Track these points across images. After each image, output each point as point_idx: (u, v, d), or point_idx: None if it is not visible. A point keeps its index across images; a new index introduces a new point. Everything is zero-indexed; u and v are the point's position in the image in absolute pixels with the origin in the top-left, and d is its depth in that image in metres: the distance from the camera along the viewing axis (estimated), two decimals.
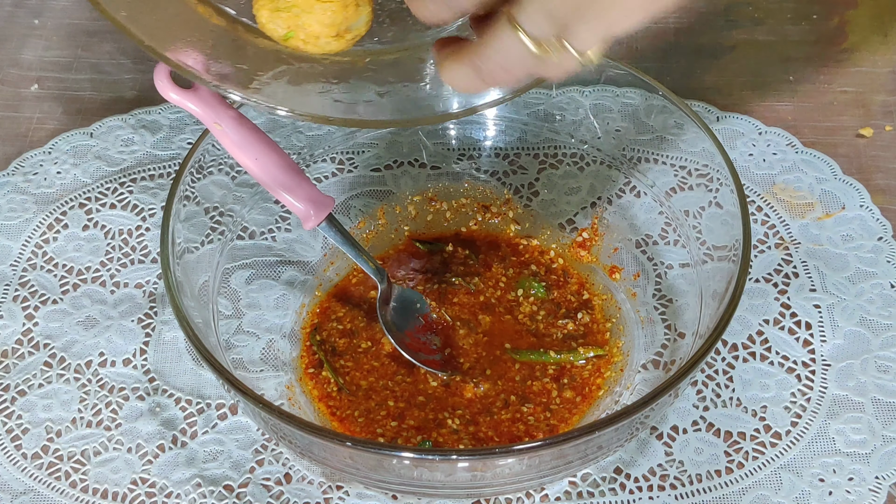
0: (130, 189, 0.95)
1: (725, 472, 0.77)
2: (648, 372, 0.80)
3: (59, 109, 1.03)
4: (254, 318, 0.84)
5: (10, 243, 0.92)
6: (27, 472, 0.78)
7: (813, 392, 0.81)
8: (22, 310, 0.87)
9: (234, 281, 0.85)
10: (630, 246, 0.88)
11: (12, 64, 1.08)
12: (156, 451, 0.79)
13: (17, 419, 0.81)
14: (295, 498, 0.77)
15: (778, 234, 0.91)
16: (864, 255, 0.89)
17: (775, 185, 0.95)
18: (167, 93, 0.72)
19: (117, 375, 0.83)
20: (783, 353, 0.83)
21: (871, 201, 0.93)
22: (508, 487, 0.74)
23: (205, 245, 0.84)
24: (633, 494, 0.77)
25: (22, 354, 0.85)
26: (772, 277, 0.88)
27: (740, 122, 1.00)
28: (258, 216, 0.89)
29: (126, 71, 1.07)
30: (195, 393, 0.82)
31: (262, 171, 0.77)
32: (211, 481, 0.77)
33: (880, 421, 0.80)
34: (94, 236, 0.92)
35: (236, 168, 0.86)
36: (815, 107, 1.02)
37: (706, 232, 0.83)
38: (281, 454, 0.79)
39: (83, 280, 0.89)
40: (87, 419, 0.81)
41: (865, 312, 0.85)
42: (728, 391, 0.81)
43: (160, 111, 1.02)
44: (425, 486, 0.71)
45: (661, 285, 0.86)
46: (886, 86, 1.04)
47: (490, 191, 0.93)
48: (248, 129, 0.76)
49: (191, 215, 0.82)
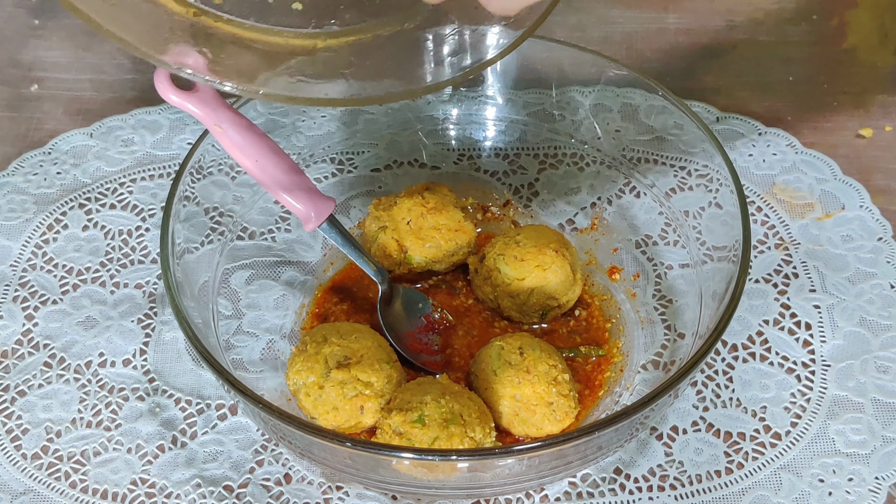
0: (130, 189, 0.95)
1: (725, 472, 0.77)
2: (648, 372, 0.80)
3: (59, 109, 1.03)
4: (254, 319, 0.84)
5: (10, 243, 0.92)
6: (27, 473, 0.78)
7: (813, 392, 0.81)
8: (22, 310, 0.87)
9: (234, 281, 0.85)
10: (630, 246, 0.88)
11: (12, 64, 1.08)
12: (156, 451, 0.79)
13: (17, 419, 0.81)
14: (295, 498, 0.77)
15: (778, 234, 0.91)
16: (864, 255, 0.89)
17: (775, 185, 0.95)
18: (167, 94, 0.72)
19: (117, 376, 0.83)
20: (783, 354, 0.83)
21: (870, 202, 0.93)
22: (508, 488, 0.74)
23: (205, 245, 0.84)
24: (632, 495, 0.77)
25: (22, 355, 0.85)
26: (772, 278, 0.88)
27: (740, 122, 1.00)
28: (258, 216, 0.89)
29: (126, 71, 1.07)
30: (195, 393, 0.82)
31: (263, 173, 0.77)
32: (211, 482, 0.77)
33: (880, 421, 0.80)
34: (94, 237, 0.92)
35: (236, 168, 0.86)
36: (815, 107, 1.02)
37: (706, 232, 0.83)
38: (281, 454, 0.79)
39: (83, 280, 0.89)
40: (86, 419, 0.81)
41: (865, 313, 0.85)
42: (728, 391, 0.81)
43: (160, 111, 1.02)
44: (425, 487, 0.71)
45: (661, 286, 0.86)
46: (886, 86, 1.04)
47: (490, 191, 0.93)
48: (249, 130, 0.76)
49: (191, 215, 0.82)
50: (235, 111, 0.75)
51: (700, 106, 1.01)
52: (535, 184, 0.94)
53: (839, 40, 1.08)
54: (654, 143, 0.90)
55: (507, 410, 0.75)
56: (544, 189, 0.93)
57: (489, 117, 0.95)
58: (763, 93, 1.04)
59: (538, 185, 0.94)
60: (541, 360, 0.75)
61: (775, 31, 1.09)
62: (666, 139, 0.90)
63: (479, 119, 0.95)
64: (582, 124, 0.92)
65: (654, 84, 0.85)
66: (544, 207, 0.92)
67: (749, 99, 1.03)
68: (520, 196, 0.93)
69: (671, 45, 1.09)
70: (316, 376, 0.75)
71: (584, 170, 0.92)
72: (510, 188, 0.94)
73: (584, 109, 0.92)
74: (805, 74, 1.05)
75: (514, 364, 0.75)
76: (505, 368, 0.75)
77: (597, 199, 0.91)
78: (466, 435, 0.70)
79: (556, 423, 0.75)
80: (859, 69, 1.06)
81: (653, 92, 0.85)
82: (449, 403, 0.72)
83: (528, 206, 0.93)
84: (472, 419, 0.71)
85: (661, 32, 1.10)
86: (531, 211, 0.92)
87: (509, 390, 0.74)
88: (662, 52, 1.08)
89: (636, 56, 1.08)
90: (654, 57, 1.08)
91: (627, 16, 1.12)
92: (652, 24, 1.11)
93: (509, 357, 0.75)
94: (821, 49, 1.07)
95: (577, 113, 0.92)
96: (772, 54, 1.07)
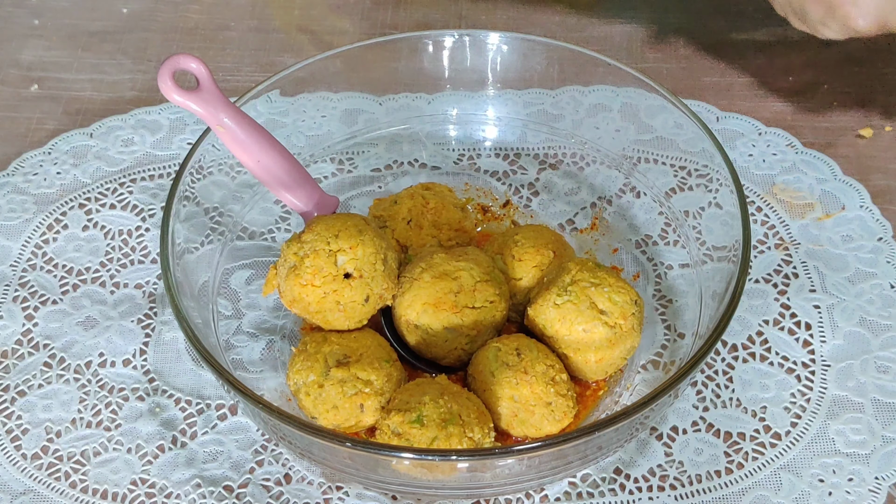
0: (130, 189, 0.95)
1: (725, 472, 0.77)
2: (648, 372, 0.80)
3: (58, 110, 1.03)
4: (253, 319, 0.84)
5: (10, 244, 0.92)
6: (27, 473, 0.78)
7: (813, 392, 0.81)
8: (22, 310, 0.87)
9: (234, 281, 0.86)
10: (630, 246, 0.88)
11: (12, 64, 1.08)
12: (155, 451, 0.79)
13: (17, 419, 0.81)
14: (295, 498, 0.77)
15: (778, 234, 0.91)
16: (864, 255, 0.89)
17: (775, 185, 0.95)
18: (171, 94, 0.72)
19: (117, 376, 0.83)
20: (783, 354, 0.83)
21: (870, 202, 0.93)
22: (508, 488, 0.74)
23: (204, 245, 0.84)
24: (632, 495, 0.77)
25: (22, 355, 0.85)
26: (771, 278, 0.88)
27: (740, 122, 1.00)
28: (258, 216, 0.89)
29: (126, 71, 1.07)
30: (195, 393, 0.82)
31: (265, 172, 0.77)
32: (211, 482, 0.77)
33: (880, 421, 0.80)
34: (94, 237, 0.92)
35: (236, 168, 0.86)
36: (815, 107, 1.02)
37: (706, 232, 0.83)
38: (281, 455, 0.79)
39: (83, 280, 0.89)
40: (86, 419, 0.81)
41: (865, 313, 0.85)
42: (728, 392, 0.81)
43: (160, 111, 1.02)
44: (425, 487, 0.71)
45: (661, 286, 0.86)
46: (886, 86, 1.04)
47: (490, 191, 0.93)
48: (251, 128, 0.76)
49: (191, 215, 0.82)
50: (238, 109, 0.76)
51: (700, 106, 1.01)
52: (535, 184, 0.94)
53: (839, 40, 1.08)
54: (654, 143, 0.90)
55: (506, 411, 0.75)
56: (544, 189, 0.93)
57: (489, 117, 0.95)
58: (763, 93, 1.04)
59: (538, 185, 0.94)
60: (538, 360, 0.75)
61: (775, 32, 1.09)
62: (666, 139, 0.90)
63: (479, 119, 0.95)
64: (582, 124, 0.92)
65: (654, 84, 0.85)
66: (544, 207, 0.92)
67: (749, 99, 1.03)
68: (520, 196, 0.93)
69: (671, 45, 1.09)
70: (315, 375, 0.75)
71: (584, 169, 0.92)
72: (510, 188, 0.94)
73: (584, 109, 0.92)
74: (805, 74, 1.05)
75: (512, 365, 0.75)
76: (503, 369, 0.75)
77: (597, 199, 0.91)
78: (465, 435, 0.70)
79: (555, 423, 0.75)
80: (859, 69, 1.06)
81: (653, 92, 0.85)
82: (447, 403, 0.72)
83: (528, 206, 0.93)
84: (471, 419, 0.71)
85: (661, 32, 1.10)
86: (531, 211, 0.92)
87: (507, 391, 0.74)
88: (662, 52, 1.08)
89: (636, 56, 1.08)
90: (654, 57, 1.08)
91: (627, 16, 1.12)
92: (652, 24, 1.11)
93: (507, 358, 0.75)
94: (821, 49, 1.07)
95: (577, 113, 0.92)
96: (772, 54, 1.07)
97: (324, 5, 1.14)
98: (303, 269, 0.75)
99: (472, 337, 0.78)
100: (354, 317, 0.77)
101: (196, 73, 0.74)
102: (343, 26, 1.12)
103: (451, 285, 0.77)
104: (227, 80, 1.06)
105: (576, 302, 0.75)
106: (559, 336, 0.76)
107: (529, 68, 0.92)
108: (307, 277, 0.75)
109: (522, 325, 0.81)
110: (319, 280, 0.75)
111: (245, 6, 1.15)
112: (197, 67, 0.73)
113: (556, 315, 0.76)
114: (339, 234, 0.75)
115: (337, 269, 0.75)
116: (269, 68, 1.07)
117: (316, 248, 0.75)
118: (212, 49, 1.10)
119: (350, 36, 1.11)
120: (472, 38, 0.91)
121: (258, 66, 1.08)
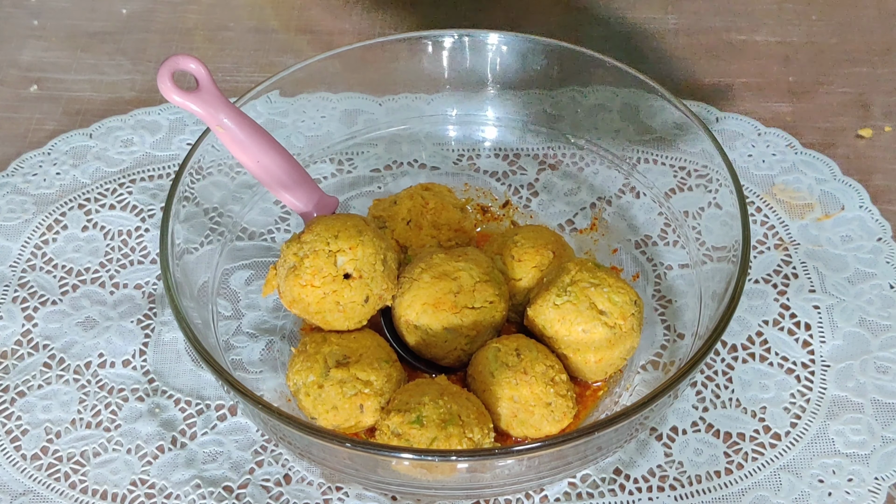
0: (130, 190, 0.95)
1: (725, 472, 0.77)
2: (648, 373, 0.80)
3: (58, 110, 1.03)
4: (253, 319, 0.84)
5: (10, 244, 0.92)
6: (26, 473, 0.78)
7: (812, 393, 0.81)
8: (21, 311, 0.87)
9: (234, 282, 0.86)
10: (629, 246, 0.88)
11: (12, 64, 1.08)
12: (155, 451, 0.79)
13: (17, 420, 0.81)
14: (294, 499, 0.77)
15: (777, 234, 0.91)
16: (864, 255, 0.89)
17: (775, 185, 0.95)
18: (170, 95, 0.72)
19: (117, 376, 0.83)
20: (782, 354, 0.83)
21: (870, 202, 0.93)
22: (508, 488, 0.74)
23: (204, 246, 0.84)
24: (632, 495, 0.77)
25: (21, 355, 0.85)
26: (771, 278, 0.88)
27: (740, 122, 1.00)
28: (258, 217, 0.89)
29: (125, 72, 1.07)
30: (194, 394, 0.82)
31: (265, 172, 0.77)
32: (210, 482, 0.77)
33: (879, 422, 0.80)
34: (94, 237, 0.92)
35: (236, 169, 0.86)
36: (815, 107, 1.02)
37: (705, 233, 0.83)
38: (280, 455, 0.79)
39: (82, 281, 0.89)
40: (86, 420, 0.81)
41: (865, 313, 0.85)
42: (727, 392, 0.81)
43: (159, 112, 1.02)
44: (424, 487, 0.71)
45: (661, 286, 0.86)
46: (886, 86, 1.04)
47: (490, 191, 0.93)
48: (251, 129, 0.76)
49: (190, 216, 0.82)
50: (237, 110, 0.76)
51: (700, 105, 1.01)
52: (534, 184, 0.94)
53: (839, 40, 1.08)
54: (654, 143, 0.90)
55: (506, 412, 0.75)
56: (544, 189, 0.93)
57: (489, 118, 0.95)
58: (763, 93, 1.04)
59: (538, 185, 0.94)
60: (538, 360, 0.75)
61: (775, 31, 1.09)
62: (665, 139, 0.90)
63: (478, 119, 0.95)
64: (582, 124, 0.92)
65: (654, 84, 0.85)
66: (544, 208, 0.92)
67: (749, 99, 1.03)
68: (519, 196, 0.93)
69: (671, 45, 1.09)
70: (315, 375, 0.75)
71: (584, 169, 0.92)
72: (510, 188, 0.94)
73: (584, 110, 0.92)
74: (805, 74, 1.05)
75: (512, 365, 0.75)
76: (502, 370, 0.75)
77: (596, 199, 0.91)
78: (465, 435, 0.70)
79: (555, 423, 0.75)
80: (859, 69, 1.06)
81: (653, 92, 0.85)
82: (447, 404, 0.72)
83: (527, 206, 0.93)
84: (471, 420, 0.71)
85: (661, 32, 1.10)
86: (530, 211, 0.92)
87: (507, 392, 0.74)
88: (662, 52, 1.08)
89: (636, 56, 1.08)
90: (654, 57, 1.08)
91: (627, 16, 1.12)
92: (652, 24, 1.11)
93: (506, 359, 0.75)
94: (821, 49, 1.07)
95: (577, 113, 0.92)
96: (772, 54, 1.07)
97: (323, 6, 1.14)
98: (302, 269, 0.75)
99: (472, 337, 0.78)
100: (354, 317, 0.77)
101: (195, 73, 0.74)
102: (343, 27, 1.12)
103: (451, 286, 0.77)
104: (227, 81, 1.06)
105: (575, 302, 0.75)
106: (559, 336, 0.76)
107: (529, 69, 0.92)
108: (307, 278, 0.75)
109: (522, 326, 0.81)
110: (319, 280, 0.75)
111: (244, 7, 1.15)
112: (196, 68, 0.73)
113: (555, 315, 0.76)
114: (339, 234, 0.75)
115: (336, 270, 0.75)
116: (269, 69, 1.07)
117: (315, 249, 0.75)
118: (211, 50, 1.10)
119: (350, 36, 1.11)
120: (472, 39, 0.91)
121: (257, 66, 1.08)
